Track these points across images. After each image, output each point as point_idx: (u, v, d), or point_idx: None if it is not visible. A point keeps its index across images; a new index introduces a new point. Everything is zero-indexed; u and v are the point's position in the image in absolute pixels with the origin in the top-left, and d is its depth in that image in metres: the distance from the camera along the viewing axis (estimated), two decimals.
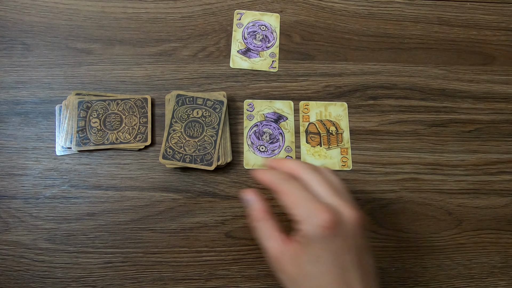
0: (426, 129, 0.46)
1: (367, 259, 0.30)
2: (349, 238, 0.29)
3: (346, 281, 0.28)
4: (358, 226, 0.29)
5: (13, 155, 0.42)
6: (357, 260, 0.29)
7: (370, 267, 0.30)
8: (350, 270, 0.28)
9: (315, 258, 0.28)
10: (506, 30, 0.52)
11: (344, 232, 0.28)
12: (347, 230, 0.29)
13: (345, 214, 0.29)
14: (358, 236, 0.29)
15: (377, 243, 0.42)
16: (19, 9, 0.47)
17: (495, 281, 0.42)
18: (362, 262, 0.29)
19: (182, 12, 0.48)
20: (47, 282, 0.39)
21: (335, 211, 0.28)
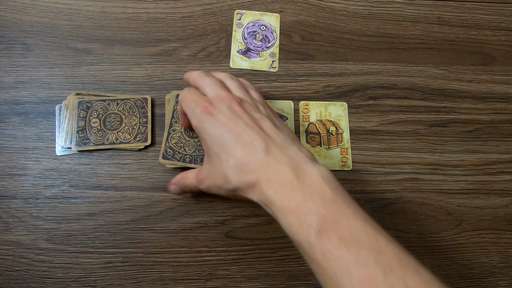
0: (426, 129, 0.46)
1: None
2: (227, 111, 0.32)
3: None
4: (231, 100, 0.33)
5: (13, 155, 0.42)
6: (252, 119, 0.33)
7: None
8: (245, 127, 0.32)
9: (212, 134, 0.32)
10: (506, 30, 0.52)
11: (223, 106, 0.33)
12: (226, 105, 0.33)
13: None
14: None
15: None
16: (19, 9, 0.47)
17: (495, 281, 0.42)
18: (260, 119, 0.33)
19: (182, 12, 0.48)
20: (47, 282, 0.39)
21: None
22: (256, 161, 0.29)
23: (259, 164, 0.29)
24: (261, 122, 0.32)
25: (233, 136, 0.31)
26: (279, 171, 0.29)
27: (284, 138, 0.31)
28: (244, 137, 0.30)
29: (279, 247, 0.41)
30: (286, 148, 0.30)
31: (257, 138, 0.30)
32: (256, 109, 0.34)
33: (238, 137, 0.31)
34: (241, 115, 0.32)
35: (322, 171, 0.29)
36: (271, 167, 0.29)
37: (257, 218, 0.42)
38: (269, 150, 0.30)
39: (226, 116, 0.32)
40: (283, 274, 0.41)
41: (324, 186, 0.28)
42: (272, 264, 0.41)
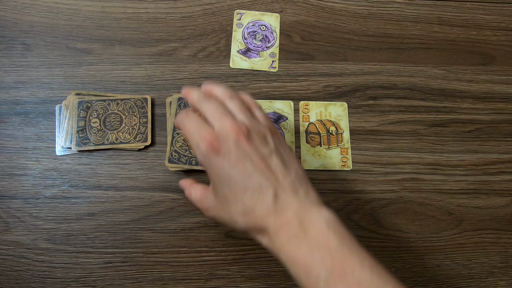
0: (426, 129, 0.46)
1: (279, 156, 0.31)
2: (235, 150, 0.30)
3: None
4: (239, 136, 0.30)
5: (13, 155, 0.42)
6: (262, 159, 0.30)
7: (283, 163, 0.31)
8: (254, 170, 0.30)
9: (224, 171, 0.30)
10: (506, 30, 0.52)
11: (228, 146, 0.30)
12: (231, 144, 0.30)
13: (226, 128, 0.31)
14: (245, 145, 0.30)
15: (377, 243, 0.42)
16: (19, 9, 0.47)
17: (495, 281, 0.42)
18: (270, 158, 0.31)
19: (182, 12, 0.48)
20: (47, 282, 0.39)
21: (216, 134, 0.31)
22: (264, 208, 0.29)
23: (267, 212, 0.29)
24: (270, 160, 0.31)
25: (242, 180, 0.30)
26: (286, 221, 0.29)
27: (292, 181, 0.31)
28: (253, 183, 0.30)
29: None
30: (294, 193, 0.30)
31: (266, 184, 0.30)
32: (263, 140, 0.31)
33: (247, 181, 0.30)
34: (249, 153, 0.30)
35: (328, 217, 0.29)
36: (279, 217, 0.29)
37: None
38: (278, 197, 0.30)
39: (234, 156, 0.30)
40: (283, 274, 0.41)
41: (329, 236, 0.28)
42: (272, 264, 0.41)
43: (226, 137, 0.30)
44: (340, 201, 0.43)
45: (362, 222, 0.43)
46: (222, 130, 0.30)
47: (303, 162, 0.44)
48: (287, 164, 0.31)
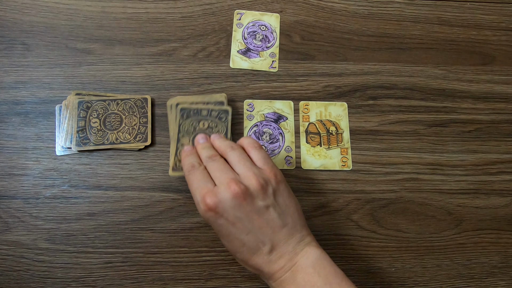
0: (426, 129, 0.46)
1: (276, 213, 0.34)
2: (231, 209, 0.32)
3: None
4: (236, 196, 0.32)
5: (13, 155, 0.42)
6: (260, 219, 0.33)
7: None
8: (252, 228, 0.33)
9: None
10: (506, 30, 0.52)
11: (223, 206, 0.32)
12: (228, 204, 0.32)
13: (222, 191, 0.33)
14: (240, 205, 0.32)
15: (377, 243, 0.42)
16: (19, 9, 0.47)
17: (495, 281, 0.42)
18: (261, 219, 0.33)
19: (182, 12, 0.48)
20: (47, 282, 0.39)
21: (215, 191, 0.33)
22: (260, 260, 0.33)
23: (262, 263, 0.33)
24: (267, 214, 0.33)
25: (239, 237, 0.32)
26: (279, 268, 0.32)
27: (288, 230, 0.33)
28: (250, 239, 0.32)
29: None
30: (288, 241, 0.33)
31: (262, 240, 0.32)
32: (262, 192, 0.33)
33: (244, 238, 0.32)
34: (246, 211, 0.32)
35: (314, 259, 0.32)
36: (273, 265, 0.32)
37: None
38: (273, 250, 0.33)
39: (232, 215, 0.32)
40: None
41: (314, 277, 0.31)
42: None
43: (224, 198, 0.32)
44: (340, 201, 0.43)
45: (362, 222, 0.43)
46: (221, 188, 0.32)
47: (303, 162, 0.44)
48: (284, 215, 0.34)
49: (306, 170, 0.44)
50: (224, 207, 0.32)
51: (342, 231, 0.42)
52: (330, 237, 0.42)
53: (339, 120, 0.46)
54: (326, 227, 0.42)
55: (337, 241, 0.42)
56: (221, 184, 0.33)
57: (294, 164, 0.44)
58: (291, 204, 0.35)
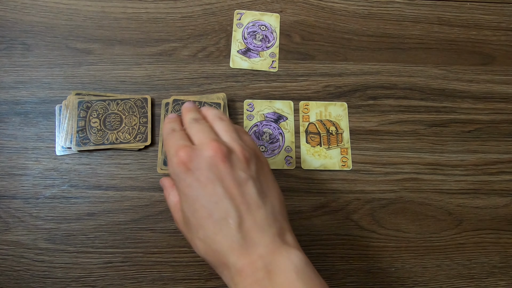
0: (426, 129, 0.46)
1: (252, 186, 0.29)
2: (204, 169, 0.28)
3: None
4: (215, 158, 0.28)
5: (13, 155, 0.42)
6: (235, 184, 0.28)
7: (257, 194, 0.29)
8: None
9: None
10: (506, 30, 0.52)
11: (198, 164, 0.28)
12: (203, 162, 0.28)
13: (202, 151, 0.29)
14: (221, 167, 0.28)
15: (377, 243, 0.42)
16: (19, 9, 0.47)
17: (495, 281, 0.42)
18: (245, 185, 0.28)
19: (182, 12, 0.48)
20: (47, 282, 0.39)
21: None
22: (227, 241, 0.27)
23: (230, 246, 0.26)
24: (245, 186, 0.28)
25: (207, 204, 0.27)
26: (250, 262, 0.26)
27: (266, 215, 0.28)
28: (219, 209, 0.27)
29: None
30: (265, 229, 0.27)
31: (233, 214, 0.27)
32: (245, 164, 0.29)
33: (212, 206, 0.27)
34: (222, 175, 0.28)
35: (298, 263, 0.26)
36: (243, 255, 0.26)
37: None
38: (245, 231, 0.27)
39: (205, 175, 0.27)
40: None
41: (298, 285, 0.25)
42: None
43: (201, 154, 0.28)
44: (340, 201, 0.43)
45: (362, 222, 0.43)
46: (200, 146, 0.29)
47: (303, 162, 0.44)
48: (264, 195, 0.29)
49: (306, 170, 0.44)
50: (199, 163, 0.28)
51: (342, 231, 0.42)
52: (330, 237, 0.42)
53: (339, 120, 0.46)
54: (326, 227, 0.42)
55: (337, 241, 0.42)
56: (201, 143, 0.29)
57: (294, 164, 0.44)
58: (274, 189, 0.30)
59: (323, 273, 0.41)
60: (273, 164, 0.44)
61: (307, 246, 0.42)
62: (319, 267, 0.41)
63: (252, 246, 0.26)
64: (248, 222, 0.27)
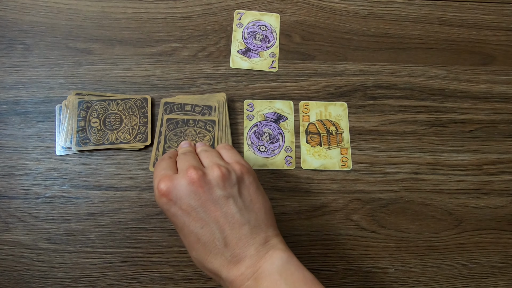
0: (426, 129, 0.46)
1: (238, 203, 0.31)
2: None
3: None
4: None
5: (13, 155, 0.42)
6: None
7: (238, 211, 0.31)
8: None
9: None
10: (506, 30, 0.52)
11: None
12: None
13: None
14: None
15: (377, 243, 0.42)
16: (19, 9, 0.47)
17: (495, 281, 0.42)
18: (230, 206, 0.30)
19: (182, 12, 0.48)
20: (47, 282, 0.39)
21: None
22: (218, 261, 0.29)
23: (220, 264, 0.29)
24: (226, 206, 0.30)
25: (193, 230, 0.29)
26: (239, 274, 0.28)
27: (250, 228, 0.30)
28: (205, 233, 0.29)
29: None
30: (250, 241, 0.29)
31: (218, 236, 0.29)
32: (222, 183, 0.30)
33: (199, 232, 0.29)
34: (202, 200, 0.30)
35: (279, 263, 0.28)
36: (232, 269, 0.29)
37: None
38: (231, 249, 0.29)
39: (186, 203, 0.30)
40: None
41: (281, 285, 0.27)
42: None
43: (179, 183, 0.30)
44: (340, 201, 0.43)
45: (362, 222, 0.43)
46: (179, 174, 0.31)
47: (303, 162, 0.44)
48: (247, 210, 0.30)
49: (306, 170, 0.44)
50: (178, 193, 0.30)
51: (342, 231, 0.42)
52: (330, 237, 0.42)
53: (339, 120, 0.46)
54: (326, 227, 0.42)
55: (337, 241, 0.42)
56: (181, 171, 0.31)
57: (294, 164, 0.44)
58: (257, 199, 0.31)
59: (323, 273, 0.41)
60: (273, 164, 0.44)
61: (307, 246, 0.42)
62: (319, 267, 0.41)
63: (239, 260, 0.29)
64: (233, 241, 0.29)
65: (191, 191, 0.30)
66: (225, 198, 0.30)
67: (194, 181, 0.30)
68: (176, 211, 0.30)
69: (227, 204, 0.30)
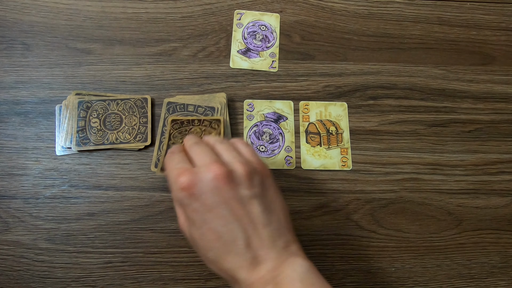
0: (426, 129, 0.46)
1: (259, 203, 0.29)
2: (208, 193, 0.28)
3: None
4: (222, 179, 0.28)
5: (13, 155, 0.42)
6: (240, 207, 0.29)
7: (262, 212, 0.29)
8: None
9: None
10: (506, 30, 0.52)
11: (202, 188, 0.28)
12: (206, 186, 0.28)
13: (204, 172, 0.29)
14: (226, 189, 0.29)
15: (377, 243, 0.42)
16: (19, 9, 0.47)
17: (495, 281, 0.42)
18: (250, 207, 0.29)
19: (182, 12, 0.48)
20: (47, 282, 0.39)
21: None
22: (237, 261, 0.28)
23: (240, 265, 0.27)
24: (250, 206, 0.29)
25: (214, 227, 0.28)
26: (259, 278, 0.27)
27: (272, 231, 0.28)
28: (226, 232, 0.28)
29: None
30: (271, 245, 0.28)
31: (241, 235, 0.28)
32: (248, 181, 0.29)
33: (220, 229, 0.28)
34: (226, 197, 0.28)
35: (302, 272, 0.27)
36: (252, 271, 0.27)
37: None
38: (253, 250, 0.28)
39: (210, 200, 0.28)
40: None
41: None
42: None
43: (203, 177, 0.28)
44: (340, 201, 0.43)
45: (362, 222, 0.43)
46: (201, 169, 0.29)
47: (303, 162, 0.44)
48: (269, 211, 0.29)
49: (306, 170, 0.44)
50: (202, 188, 0.28)
51: (342, 231, 0.42)
52: (330, 237, 0.42)
53: (339, 120, 0.46)
54: (326, 227, 0.42)
55: (337, 241, 0.42)
56: (201, 165, 0.29)
57: (294, 164, 0.44)
58: (278, 202, 0.30)
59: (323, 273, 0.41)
60: (273, 164, 0.44)
61: (307, 246, 0.42)
62: (319, 267, 0.41)
63: (260, 262, 0.28)
64: (255, 241, 0.28)
65: (215, 186, 0.28)
66: (249, 197, 0.29)
67: (219, 177, 0.28)
68: (198, 207, 0.28)
69: (251, 203, 0.28)
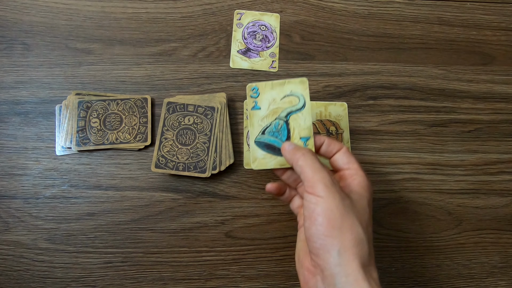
0: (426, 129, 0.46)
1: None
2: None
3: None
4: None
5: (13, 155, 0.42)
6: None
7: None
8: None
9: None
10: (506, 30, 0.52)
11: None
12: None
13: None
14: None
15: (377, 243, 0.42)
16: (19, 9, 0.47)
17: (495, 281, 0.42)
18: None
19: (182, 12, 0.48)
20: (47, 282, 0.39)
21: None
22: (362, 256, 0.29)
23: (363, 262, 0.28)
24: (370, 213, 0.32)
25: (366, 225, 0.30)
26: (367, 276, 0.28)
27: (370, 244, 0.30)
28: (365, 234, 0.30)
29: (279, 247, 0.41)
30: (371, 256, 0.29)
31: (365, 238, 0.29)
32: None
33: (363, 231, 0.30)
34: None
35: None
36: (364, 269, 0.28)
37: (257, 218, 0.42)
38: (370, 252, 0.29)
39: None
40: (283, 274, 0.41)
41: None
42: (272, 264, 0.41)
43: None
44: None
45: None
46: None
47: None
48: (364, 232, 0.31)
49: None
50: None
51: None
52: None
53: (339, 120, 0.46)
54: None
55: None
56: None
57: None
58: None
59: None
60: None
61: None
62: None
63: (370, 266, 0.29)
64: (370, 247, 0.30)
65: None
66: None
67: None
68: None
69: (370, 211, 0.32)
